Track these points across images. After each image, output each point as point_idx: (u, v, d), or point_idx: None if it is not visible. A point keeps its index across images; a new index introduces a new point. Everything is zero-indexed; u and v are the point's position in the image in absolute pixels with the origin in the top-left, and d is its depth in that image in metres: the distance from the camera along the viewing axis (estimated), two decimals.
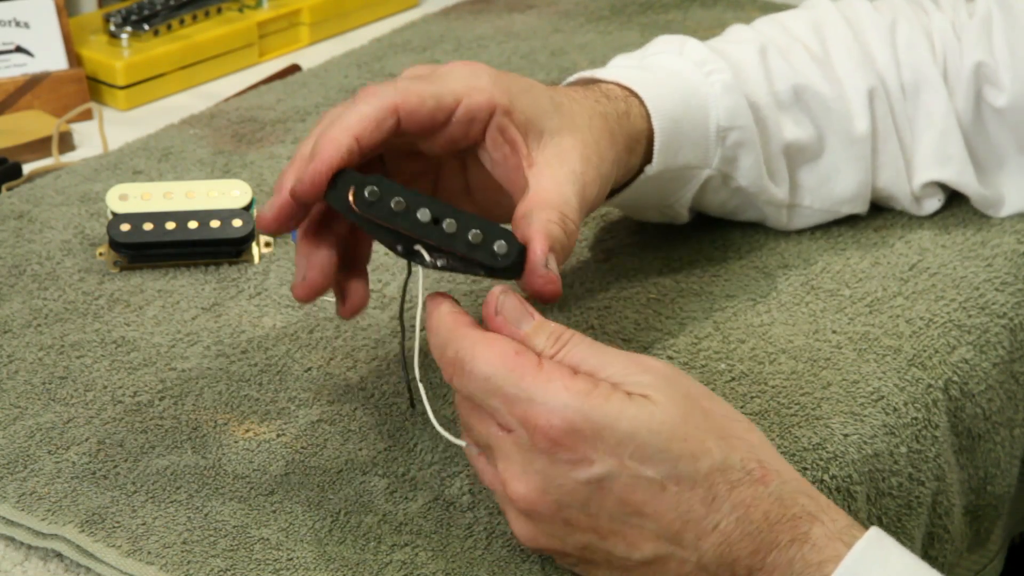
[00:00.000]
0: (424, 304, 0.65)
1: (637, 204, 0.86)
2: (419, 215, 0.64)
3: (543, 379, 0.60)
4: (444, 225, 0.64)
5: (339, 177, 0.64)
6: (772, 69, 0.85)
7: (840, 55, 0.87)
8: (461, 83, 0.68)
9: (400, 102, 0.66)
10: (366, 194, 0.64)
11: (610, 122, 0.74)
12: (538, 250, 0.65)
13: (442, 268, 0.65)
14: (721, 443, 0.60)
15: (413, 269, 0.66)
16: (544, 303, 0.66)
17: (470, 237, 0.64)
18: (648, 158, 0.78)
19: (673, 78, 0.80)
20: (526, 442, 0.60)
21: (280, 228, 0.67)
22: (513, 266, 0.64)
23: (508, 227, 0.66)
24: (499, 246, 0.64)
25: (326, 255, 0.68)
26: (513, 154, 0.69)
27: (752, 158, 0.83)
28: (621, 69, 0.81)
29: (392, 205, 0.64)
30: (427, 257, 0.64)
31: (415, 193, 0.64)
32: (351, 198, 0.64)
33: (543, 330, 0.63)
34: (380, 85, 0.67)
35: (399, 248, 0.65)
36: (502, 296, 0.63)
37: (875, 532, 0.59)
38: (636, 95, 0.78)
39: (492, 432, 0.61)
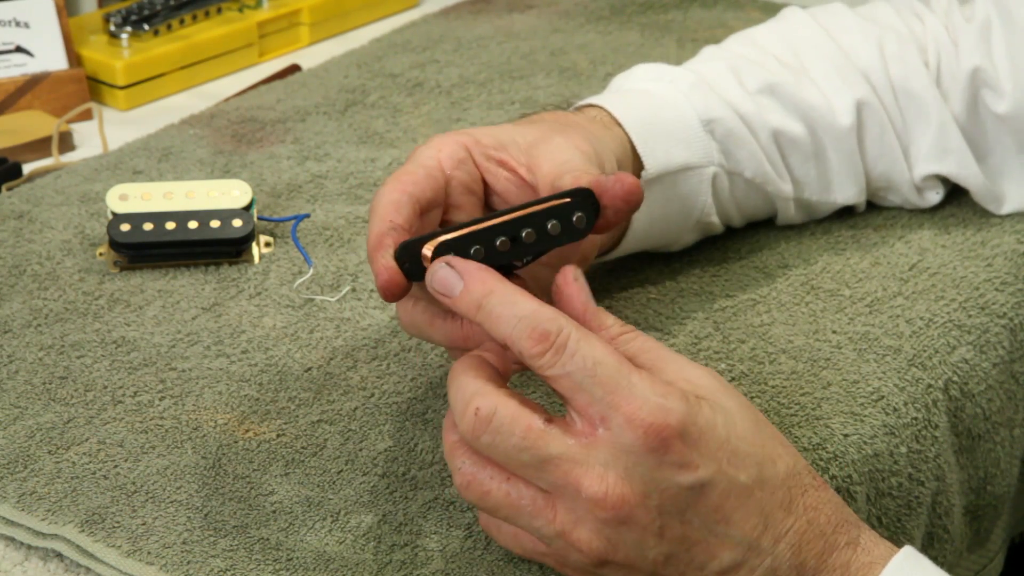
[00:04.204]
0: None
1: (668, 228, 0.84)
2: (498, 245, 0.63)
3: (647, 378, 0.58)
4: (523, 236, 0.64)
5: (405, 251, 0.63)
6: (743, 73, 0.85)
7: (816, 62, 0.87)
8: (430, 148, 0.70)
9: (404, 186, 0.67)
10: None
11: (585, 126, 0.75)
12: (597, 181, 0.65)
13: (529, 263, 0.65)
14: (787, 449, 0.61)
15: None
16: (633, 210, 0.66)
17: (550, 229, 0.64)
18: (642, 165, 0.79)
19: (634, 92, 0.83)
20: (628, 442, 0.57)
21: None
22: (595, 222, 0.66)
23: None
24: (577, 219, 0.65)
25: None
26: (511, 172, 0.70)
27: (747, 147, 0.83)
28: (578, 100, 0.83)
29: (472, 253, 0.63)
30: (520, 266, 0.65)
31: (479, 227, 0.63)
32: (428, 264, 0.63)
33: (608, 314, 0.62)
34: (386, 182, 0.68)
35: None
36: (575, 272, 0.63)
37: (910, 548, 0.62)
38: (600, 107, 0.79)
39: (569, 442, 0.58)
